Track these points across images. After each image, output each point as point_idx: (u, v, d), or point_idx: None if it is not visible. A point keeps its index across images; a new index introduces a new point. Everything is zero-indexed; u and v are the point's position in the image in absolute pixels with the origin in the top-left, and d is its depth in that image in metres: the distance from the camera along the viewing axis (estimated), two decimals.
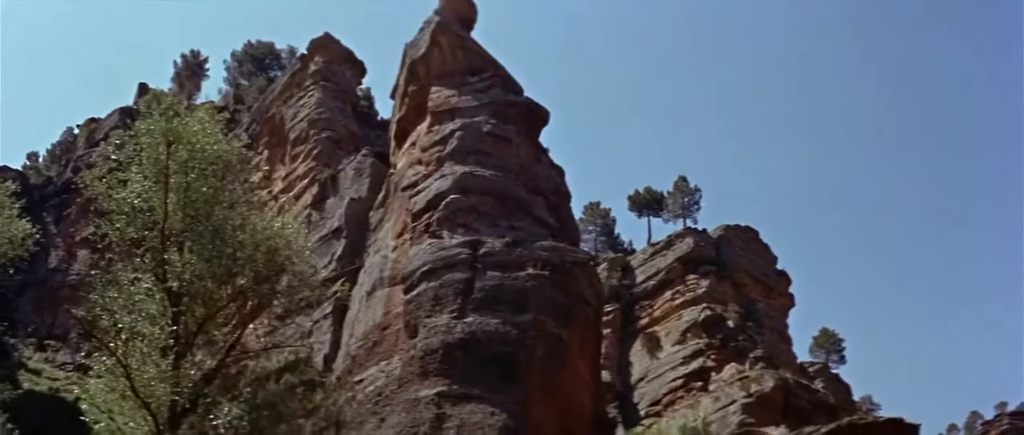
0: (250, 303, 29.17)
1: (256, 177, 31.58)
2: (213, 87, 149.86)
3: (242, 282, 27.37)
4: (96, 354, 28.52)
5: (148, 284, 28.32)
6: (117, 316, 27.90)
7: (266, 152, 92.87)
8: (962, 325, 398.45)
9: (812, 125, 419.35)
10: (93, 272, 31.09)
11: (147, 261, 28.73)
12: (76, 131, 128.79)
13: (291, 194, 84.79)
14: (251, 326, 33.79)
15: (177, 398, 27.26)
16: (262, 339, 37.45)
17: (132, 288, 28.20)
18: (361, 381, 59.26)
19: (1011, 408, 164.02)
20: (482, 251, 55.73)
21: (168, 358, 27.76)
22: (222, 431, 26.86)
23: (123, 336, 27.75)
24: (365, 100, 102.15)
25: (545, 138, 68.30)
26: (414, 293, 56.16)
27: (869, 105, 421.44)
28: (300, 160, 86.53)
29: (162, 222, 28.39)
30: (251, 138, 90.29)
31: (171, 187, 28.51)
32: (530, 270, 54.43)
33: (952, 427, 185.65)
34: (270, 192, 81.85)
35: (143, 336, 28.06)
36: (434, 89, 67.36)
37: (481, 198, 59.73)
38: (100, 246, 33.56)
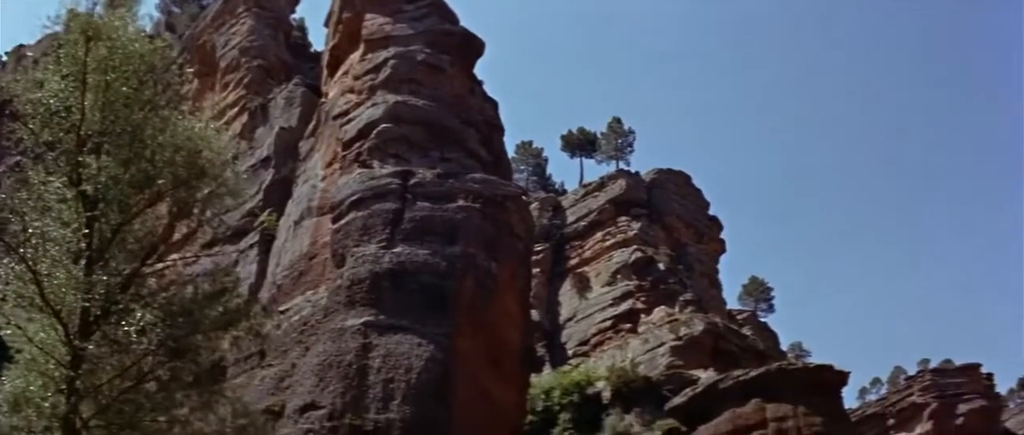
0: (169, 209, 28.17)
1: (180, 83, 30.12)
2: (144, 15, 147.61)
3: (161, 182, 26.31)
4: (4, 260, 27.49)
5: (60, 186, 27.20)
6: (27, 219, 26.83)
7: (196, 80, 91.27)
8: (890, 282, 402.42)
9: (749, 74, 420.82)
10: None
11: (61, 164, 27.57)
12: (4, 58, 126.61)
13: (221, 122, 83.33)
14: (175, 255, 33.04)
15: (88, 305, 26.24)
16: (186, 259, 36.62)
17: (44, 191, 27.11)
18: (286, 310, 58.50)
19: (933, 365, 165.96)
20: (412, 182, 54.85)
21: (80, 264, 26.77)
22: (133, 338, 25.89)
23: (33, 241, 26.72)
24: (298, 31, 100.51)
25: (479, 72, 67.39)
26: (342, 222, 55.23)
27: (806, 59, 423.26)
28: (230, 89, 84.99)
29: (79, 124, 27.23)
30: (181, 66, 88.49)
31: (89, 87, 27.28)
32: (461, 202, 53.63)
33: (875, 381, 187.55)
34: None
35: (54, 241, 27.02)
36: (368, 16, 66.08)
37: (413, 128, 58.80)
38: (15, 151, 32.39)
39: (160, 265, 30.12)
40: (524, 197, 61.79)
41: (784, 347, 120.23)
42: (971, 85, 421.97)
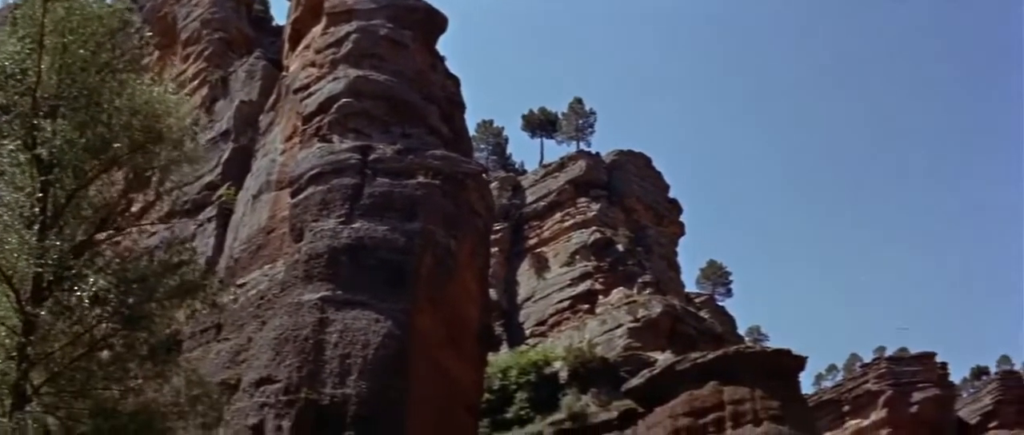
0: (125, 175, 27.73)
1: (140, 47, 29.56)
2: None
3: (117, 146, 25.87)
4: None
5: (14, 149, 26.70)
6: None
7: (157, 53, 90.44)
8: (848, 270, 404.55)
9: (712, 57, 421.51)
10: None
11: (16, 128, 27.05)
12: None
13: (181, 91, 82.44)
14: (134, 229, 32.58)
15: (41, 271, 25.80)
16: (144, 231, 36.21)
17: None
18: (244, 284, 58.15)
19: (889, 353, 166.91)
20: (372, 157, 54.46)
21: (33, 230, 26.32)
22: (86, 305, 25.50)
23: None
24: (260, 4, 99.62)
25: (442, 49, 66.94)
26: (301, 197, 54.80)
27: (768, 42, 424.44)
28: (191, 61, 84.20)
29: (35, 86, 26.72)
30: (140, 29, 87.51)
31: (46, 49, 26.75)
32: (421, 178, 53.33)
33: (831, 367, 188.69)
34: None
35: (7, 206, 26.56)
36: None
37: (374, 103, 58.36)
38: None
39: (116, 234, 29.74)
40: (484, 175, 61.44)
41: (741, 331, 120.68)
42: (939, 73, 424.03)
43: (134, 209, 31.10)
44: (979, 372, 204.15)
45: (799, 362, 66.88)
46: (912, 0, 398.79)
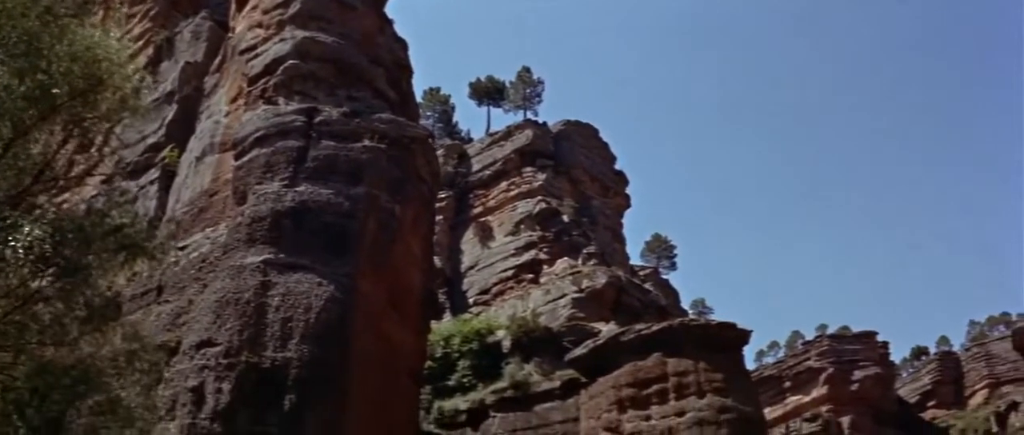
0: (65, 124, 26.96)
1: None
2: None
3: (56, 92, 25.14)
4: None
5: None
6: None
7: (101, 12, 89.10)
8: (792, 249, 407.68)
9: (662, 29, 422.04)
10: None
11: None
12: None
13: (123, 35, 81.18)
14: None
15: None
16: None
17: None
18: (185, 247, 57.55)
19: (830, 331, 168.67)
20: (318, 119, 53.82)
21: None
22: (20, 253, 24.85)
23: None
24: None
25: (390, 13, 66.37)
26: (245, 159, 54.13)
27: (721, 15, 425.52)
28: (136, 21, 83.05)
29: None
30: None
31: None
32: (366, 142, 52.74)
33: (773, 344, 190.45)
34: None
35: None
36: None
37: (321, 65, 57.68)
38: None
39: (56, 192, 29.09)
40: (431, 140, 60.97)
41: (685, 305, 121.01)
42: (889, 47, 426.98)
43: (75, 172, 30.45)
44: (919, 352, 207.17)
45: (743, 336, 67.01)
46: None
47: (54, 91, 25.17)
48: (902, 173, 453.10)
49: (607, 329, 73.14)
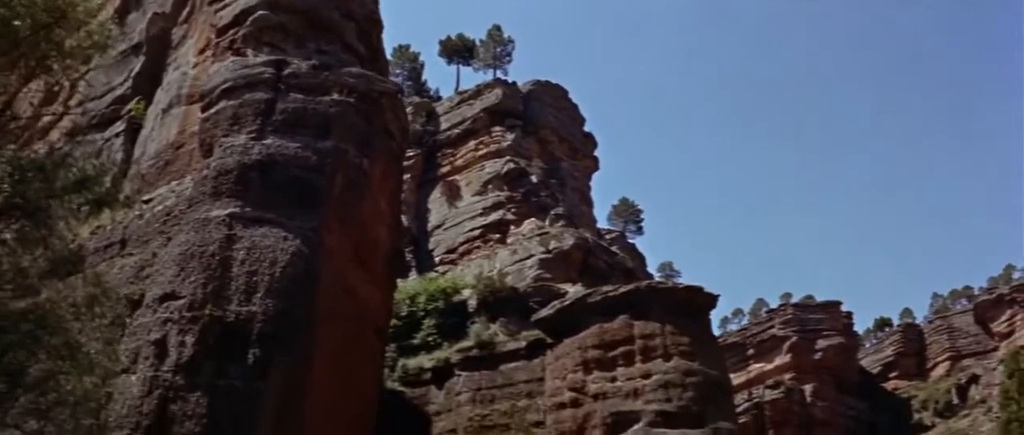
0: (27, 62, 26.38)
1: None
2: None
3: (17, 24, 24.54)
4: None
5: None
6: None
7: None
8: (756, 216, 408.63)
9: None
10: None
11: None
12: None
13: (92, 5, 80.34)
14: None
15: None
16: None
17: None
18: (150, 200, 57.08)
19: (795, 300, 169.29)
20: (287, 72, 53.20)
21: None
22: None
23: None
24: None
25: None
26: (212, 111, 53.48)
27: None
28: None
29: None
30: None
31: None
32: (335, 96, 52.19)
33: (737, 311, 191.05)
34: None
35: None
36: None
37: (290, 17, 57.08)
38: None
39: (17, 135, 28.54)
40: (400, 95, 60.38)
41: (652, 270, 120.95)
42: (864, 6, 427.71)
43: (42, 124, 29.98)
44: (882, 324, 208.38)
45: (711, 300, 66.82)
46: None
47: (15, 24, 24.62)
48: (871, 145, 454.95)
49: (574, 290, 72.93)
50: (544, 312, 68.73)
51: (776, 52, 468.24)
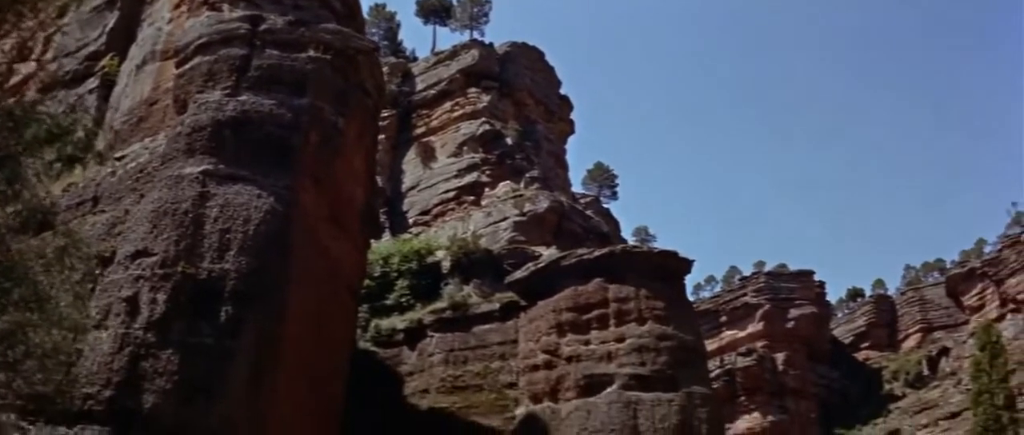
0: None
1: None
2: None
3: None
4: None
5: None
6: None
7: None
8: (731, 184, 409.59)
9: None
10: None
11: None
12: None
13: None
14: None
15: None
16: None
17: None
18: (123, 157, 56.54)
19: (768, 268, 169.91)
20: (263, 27, 52.65)
21: None
22: None
23: None
24: None
25: None
26: (186, 67, 52.98)
27: None
28: None
29: None
30: None
31: None
32: (312, 52, 51.73)
33: (710, 278, 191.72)
34: None
35: None
36: None
37: None
38: None
39: None
40: (377, 52, 59.91)
41: (626, 234, 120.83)
42: None
43: (13, 80, 29.59)
44: (854, 294, 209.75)
45: (685, 264, 66.77)
46: None
47: None
48: (847, 118, 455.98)
49: (548, 253, 72.76)
50: (518, 274, 68.59)
51: (754, 21, 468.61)
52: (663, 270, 65.33)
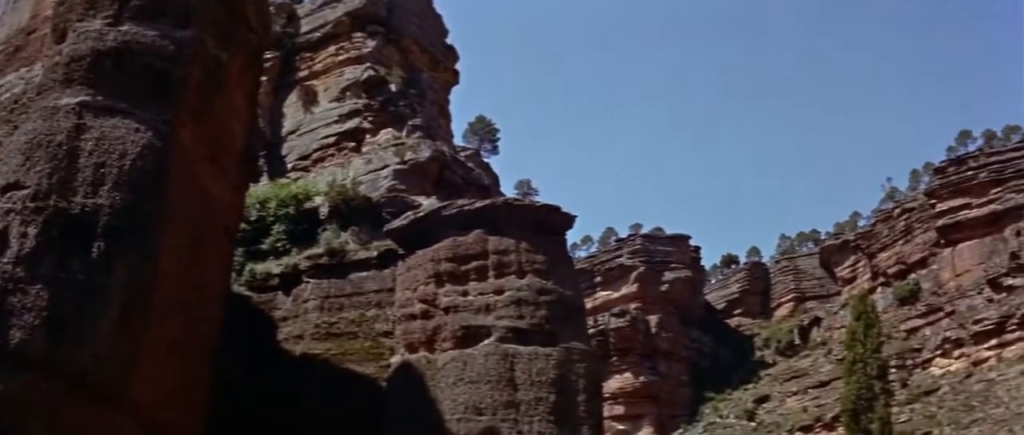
0: None
1: None
2: None
3: None
4: None
5: None
6: None
7: None
8: (610, 146, 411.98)
9: None
10: None
11: None
12: None
13: None
14: None
15: None
16: None
17: None
18: None
19: (644, 230, 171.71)
20: None
21: None
22: None
23: None
24: None
25: None
26: None
27: None
28: None
29: None
30: None
31: None
32: None
33: (586, 238, 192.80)
34: None
35: None
36: None
37: None
38: None
39: None
40: None
41: (509, 187, 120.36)
42: None
43: None
44: (729, 260, 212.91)
45: (567, 220, 66.91)
46: None
47: None
48: (729, 85, 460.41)
49: (429, 202, 72.32)
50: (397, 222, 68.22)
51: None
52: (545, 224, 65.41)
